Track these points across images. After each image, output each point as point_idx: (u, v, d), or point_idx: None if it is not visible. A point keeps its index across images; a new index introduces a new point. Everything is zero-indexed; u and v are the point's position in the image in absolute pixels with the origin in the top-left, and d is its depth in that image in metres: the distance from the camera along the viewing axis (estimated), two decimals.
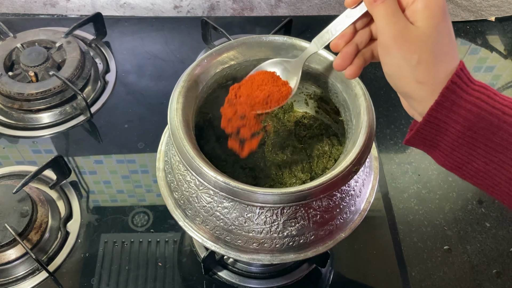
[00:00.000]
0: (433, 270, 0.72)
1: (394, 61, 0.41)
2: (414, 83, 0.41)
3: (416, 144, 0.45)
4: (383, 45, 0.41)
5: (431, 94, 0.40)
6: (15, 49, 0.87)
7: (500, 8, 1.08)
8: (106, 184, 0.79)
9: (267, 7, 1.08)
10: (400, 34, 0.40)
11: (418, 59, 0.40)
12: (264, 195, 0.45)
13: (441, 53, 0.40)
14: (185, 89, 0.52)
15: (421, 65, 0.40)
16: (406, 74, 0.41)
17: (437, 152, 0.44)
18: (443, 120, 0.41)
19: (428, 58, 0.40)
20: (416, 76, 0.40)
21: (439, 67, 0.40)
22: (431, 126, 0.42)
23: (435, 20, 0.40)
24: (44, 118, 0.84)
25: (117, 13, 1.08)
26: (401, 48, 0.40)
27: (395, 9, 0.41)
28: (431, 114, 0.41)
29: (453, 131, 0.41)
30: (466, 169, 0.43)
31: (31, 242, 0.68)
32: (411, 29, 0.40)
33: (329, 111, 0.64)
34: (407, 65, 0.40)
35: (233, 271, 0.69)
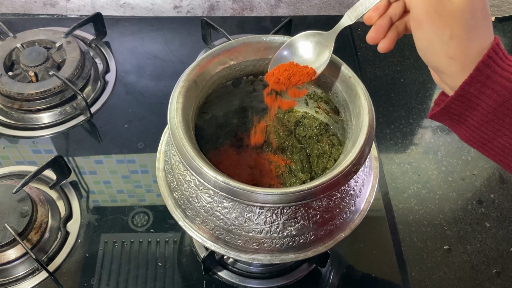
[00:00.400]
0: (433, 270, 0.73)
1: (426, 36, 0.41)
2: (446, 58, 0.41)
3: (442, 119, 0.45)
4: (416, 20, 0.41)
5: (462, 69, 0.40)
6: (15, 49, 0.87)
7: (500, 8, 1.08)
8: (106, 184, 0.79)
9: (267, 7, 1.08)
10: (433, 8, 0.40)
11: (451, 35, 0.40)
12: (264, 195, 0.45)
13: (475, 29, 0.40)
14: (185, 89, 0.52)
15: (454, 40, 0.40)
16: (437, 49, 0.41)
17: (463, 127, 0.44)
18: (475, 94, 0.40)
19: (461, 34, 0.40)
20: (447, 52, 0.40)
21: (471, 43, 0.40)
22: (462, 100, 0.41)
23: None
24: (44, 118, 0.84)
25: (117, 13, 1.08)
26: (433, 23, 0.40)
27: None
28: (464, 88, 0.40)
29: (485, 106, 0.41)
30: (491, 145, 0.43)
31: (31, 242, 0.68)
32: (445, 3, 0.40)
33: (329, 111, 0.64)
34: (439, 40, 0.40)
35: (233, 271, 0.69)
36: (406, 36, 0.48)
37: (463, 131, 0.44)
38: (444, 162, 0.85)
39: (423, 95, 0.92)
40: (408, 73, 0.96)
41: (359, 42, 1.00)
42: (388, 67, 0.97)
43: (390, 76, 0.95)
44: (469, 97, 0.41)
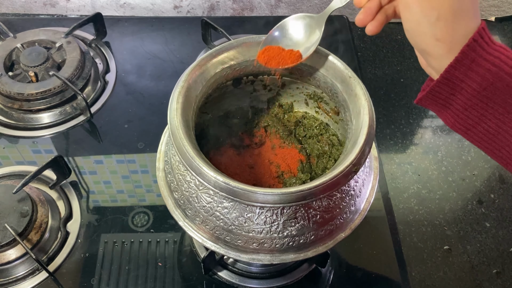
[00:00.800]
0: (433, 270, 0.73)
1: (413, 17, 0.41)
2: (432, 40, 0.41)
3: (428, 104, 0.45)
4: (404, 2, 0.42)
5: (448, 51, 0.40)
6: (15, 49, 0.87)
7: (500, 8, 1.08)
8: (106, 184, 0.79)
9: (267, 7, 1.08)
10: None
11: (438, 16, 0.40)
12: (264, 195, 0.45)
13: (461, 11, 0.40)
14: (185, 89, 0.52)
15: (440, 21, 0.40)
16: (424, 30, 0.41)
17: (449, 112, 0.44)
18: (460, 78, 0.41)
19: (447, 15, 0.40)
20: (434, 33, 0.40)
21: (458, 25, 0.40)
22: (447, 84, 0.42)
23: None
24: (44, 118, 0.84)
25: (117, 13, 1.08)
26: (421, 3, 0.40)
27: None
28: (449, 71, 0.41)
29: (469, 89, 0.41)
30: (475, 130, 0.43)
31: (31, 242, 0.68)
32: None
33: (329, 111, 0.64)
34: (426, 21, 0.40)
35: (233, 271, 0.69)
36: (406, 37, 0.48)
37: (448, 116, 0.44)
38: (444, 162, 0.85)
39: None
40: (408, 73, 0.96)
41: (359, 42, 1.00)
42: (388, 67, 0.97)
43: (390, 76, 0.95)
44: (454, 80, 0.41)
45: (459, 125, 0.44)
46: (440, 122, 0.90)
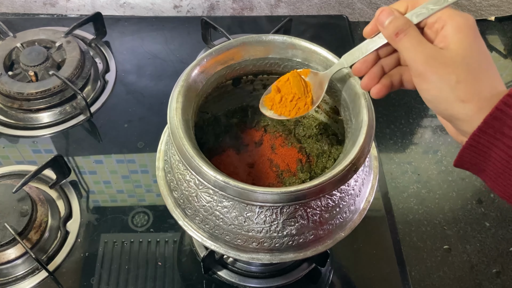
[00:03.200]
0: (433, 270, 0.73)
1: (432, 85, 0.40)
2: (457, 103, 0.40)
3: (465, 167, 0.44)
4: (417, 74, 0.41)
5: (478, 111, 0.39)
6: (15, 48, 0.87)
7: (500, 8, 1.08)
8: (106, 184, 0.79)
9: (267, 6, 1.08)
10: (432, 58, 0.40)
11: (457, 79, 0.39)
12: (263, 195, 0.45)
13: (481, 70, 0.39)
14: (185, 89, 0.52)
15: (461, 84, 0.39)
16: (447, 95, 0.40)
17: (485, 176, 0.43)
18: (486, 145, 0.39)
19: (467, 77, 0.39)
20: (458, 95, 0.39)
21: (481, 84, 0.39)
22: (474, 150, 0.40)
23: (468, 41, 0.40)
24: (44, 118, 0.84)
25: (117, 12, 1.08)
26: (436, 71, 0.40)
27: (420, 39, 0.41)
28: (473, 138, 0.39)
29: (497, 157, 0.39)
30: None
31: (30, 242, 0.68)
32: (441, 52, 0.40)
33: (329, 111, 0.64)
34: (447, 85, 0.39)
35: (232, 270, 0.69)
36: None
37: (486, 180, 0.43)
38: (444, 162, 0.85)
39: None
40: None
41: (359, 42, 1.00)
42: None
43: None
44: (481, 148, 0.40)
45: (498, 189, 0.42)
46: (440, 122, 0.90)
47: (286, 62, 0.58)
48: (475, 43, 0.40)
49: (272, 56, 0.57)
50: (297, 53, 0.56)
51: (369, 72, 0.47)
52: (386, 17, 0.43)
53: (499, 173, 0.40)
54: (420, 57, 0.40)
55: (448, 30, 0.40)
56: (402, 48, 0.42)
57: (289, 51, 0.56)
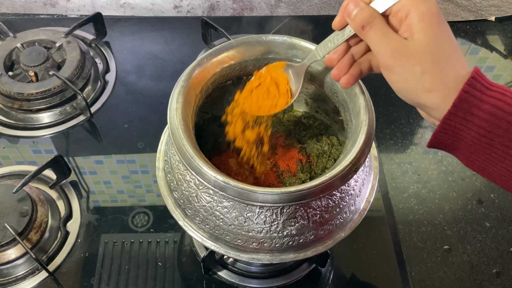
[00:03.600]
0: (433, 270, 0.72)
1: (399, 77, 0.42)
2: (424, 92, 0.41)
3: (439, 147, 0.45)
4: (384, 66, 0.42)
5: (444, 99, 0.40)
6: (15, 49, 0.87)
7: (500, 8, 1.08)
8: (106, 184, 0.79)
9: (267, 7, 1.08)
10: (397, 51, 0.41)
11: (422, 70, 0.40)
12: (263, 195, 0.45)
13: (444, 59, 0.40)
14: (185, 89, 0.52)
15: (426, 74, 0.40)
16: (413, 86, 0.41)
17: (459, 154, 0.44)
18: (457, 127, 0.41)
19: (431, 67, 0.40)
20: (423, 86, 0.41)
21: (446, 73, 0.40)
22: (446, 133, 0.42)
23: (432, 29, 0.40)
24: (44, 118, 0.84)
25: (117, 13, 1.08)
26: (401, 63, 0.41)
27: (385, 30, 0.42)
28: (445, 122, 0.41)
29: (469, 137, 0.41)
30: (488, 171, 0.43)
31: (31, 242, 0.68)
32: (406, 44, 0.41)
33: (329, 111, 0.64)
34: (413, 77, 0.41)
35: (232, 270, 0.69)
36: None
37: (460, 157, 0.44)
38: (444, 162, 0.85)
39: None
40: None
41: None
42: None
43: None
44: (452, 130, 0.41)
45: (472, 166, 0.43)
46: None
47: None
48: (439, 31, 0.41)
49: (272, 56, 0.57)
50: (297, 53, 0.56)
51: (339, 62, 0.47)
52: (352, 8, 0.43)
53: (472, 151, 0.42)
54: (386, 50, 0.41)
55: (412, 18, 0.41)
56: (369, 41, 0.43)
57: (289, 51, 0.56)
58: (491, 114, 0.39)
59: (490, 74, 1.01)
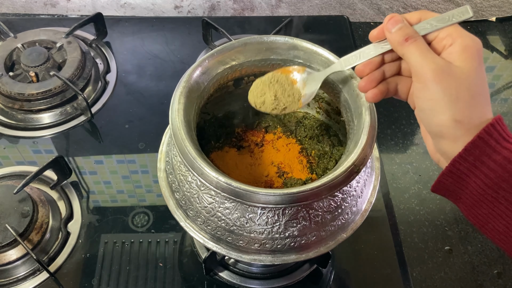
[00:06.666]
0: (434, 271, 0.72)
1: (432, 95, 0.40)
2: (451, 121, 0.40)
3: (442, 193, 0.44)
4: (422, 79, 0.41)
5: (465, 133, 0.39)
6: (16, 49, 0.87)
7: (501, 8, 1.08)
8: (107, 185, 0.79)
9: (267, 7, 1.08)
10: (441, 68, 0.40)
11: (457, 96, 0.39)
12: (265, 196, 0.45)
13: (478, 94, 0.40)
14: (187, 90, 0.52)
15: (460, 102, 0.39)
16: (443, 109, 0.40)
17: (461, 204, 0.43)
18: (465, 172, 0.40)
19: (466, 97, 0.39)
20: (453, 113, 0.39)
21: (475, 108, 0.40)
22: (452, 177, 0.41)
23: (474, 63, 0.40)
24: (45, 119, 0.84)
25: (117, 13, 1.08)
26: (441, 81, 0.40)
27: (428, 48, 0.41)
28: (453, 165, 0.40)
29: (474, 185, 0.40)
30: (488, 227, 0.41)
31: (31, 243, 0.67)
32: (451, 66, 0.40)
33: (330, 112, 0.64)
34: (447, 99, 0.39)
35: (234, 271, 0.69)
36: None
37: (461, 208, 0.43)
38: None
39: None
40: None
41: (360, 42, 1.00)
42: None
43: None
44: (459, 174, 0.40)
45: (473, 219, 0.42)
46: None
47: (287, 63, 0.57)
48: (479, 66, 0.40)
49: (273, 57, 0.57)
50: (298, 54, 0.56)
51: (370, 75, 0.47)
52: (394, 24, 0.43)
53: (475, 202, 0.41)
54: (430, 64, 0.40)
55: (456, 48, 0.40)
56: (409, 53, 0.42)
57: (291, 52, 0.56)
58: (502, 166, 0.38)
59: (490, 74, 1.01)
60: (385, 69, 0.47)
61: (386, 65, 0.47)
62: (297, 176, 0.61)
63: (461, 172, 0.40)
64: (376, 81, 0.46)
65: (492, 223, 0.41)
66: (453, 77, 0.39)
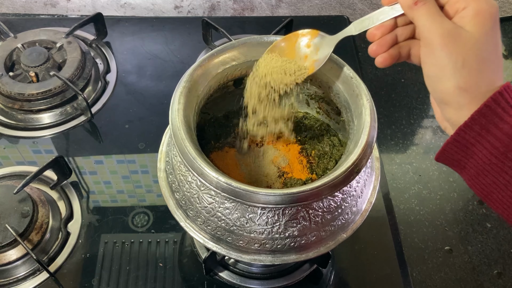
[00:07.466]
0: (434, 271, 0.73)
1: (438, 61, 0.39)
2: (455, 88, 0.39)
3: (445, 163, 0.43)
4: (428, 44, 0.40)
5: (470, 101, 0.38)
6: (16, 49, 0.87)
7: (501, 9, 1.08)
8: (107, 185, 0.79)
9: (267, 7, 1.08)
10: (448, 33, 0.39)
11: (463, 62, 0.38)
12: (265, 196, 0.45)
13: (486, 61, 0.39)
14: (187, 90, 0.52)
15: (465, 69, 0.38)
16: (448, 76, 0.39)
17: (465, 173, 0.42)
18: (470, 141, 0.39)
19: (473, 63, 0.38)
20: (458, 80, 0.38)
21: (482, 75, 0.38)
22: (457, 146, 0.40)
23: (485, 27, 0.39)
24: (45, 119, 0.84)
25: (117, 13, 1.08)
26: (447, 47, 0.38)
27: (438, 11, 0.40)
28: (459, 134, 0.39)
29: (480, 154, 0.39)
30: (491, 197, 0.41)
31: (31, 243, 0.67)
32: (460, 30, 0.39)
33: (330, 112, 0.64)
34: (452, 66, 0.38)
35: (234, 271, 0.69)
36: None
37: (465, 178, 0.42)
38: None
39: (424, 95, 0.92)
40: (409, 73, 0.96)
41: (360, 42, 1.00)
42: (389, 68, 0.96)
43: (391, 76, 0.95)
44: (465, 143, 0.39)
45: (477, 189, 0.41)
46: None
47: None
48: (491, 32, 0.39)
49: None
50: None
51: (382, 39, 0.45)
52: None
53: (480, 171, 0.40)
54: (437, 28, 0.39)
55: (469, 11, 0.39)
56: (418, 16, 0.40)
57: None
58: (508, 135, 0.37)
59: None
60: (398, 32, 0.45)
61: (399, 29, 0.45)
62: (297, 176, 0.61)
63: (466, 141, 0.39)
64: (387, 45, 0.45)
65: (496, 193, 0.40)
66: (461, 43, 0.38)
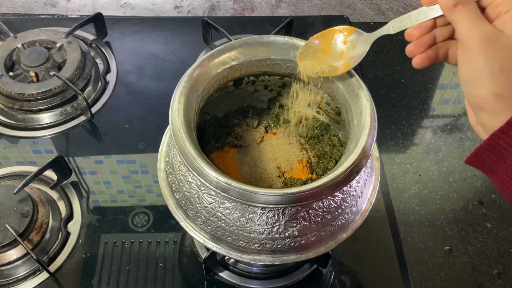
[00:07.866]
0: (434, 271, 0.73)
1: (474, 66, 0.38)
2: (491, 94, 0.38)
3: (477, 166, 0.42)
4: (466, 48, 0.39)
5: (506, 108, 0.38)
6: (16, 49, 0.87)
7: None
8: (107, 185, 0.79)
9: (267, 7, 1.08)
10: (487, 37, 0.38)
11: (501, 68, 0.37)
12: (265, 196, 0.45)
13: None
14: (187, 90, 0.52)
15: (503, 75, 0.37)
16: (484, 82, 0.38)
17: (496, 178, 0.41)
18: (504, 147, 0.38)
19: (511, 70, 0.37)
20: (494, 86, 0.38)
21: None
22: (490, 150, 0.39)
23: None
24: (45, 119, 0.84)
25: (117, 13, 1.08)
26: (485, 52, 0.38)
27: (479, 14, 0.39)
28: (493, 138, 0.38)
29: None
30: None
31: (31, 243, 0.67)
32: (499, 35, 0.38)
33: (330, 112, 0.64)
34: (489, 72, 0.37)
35: (234, 271, 0.69)
36: None
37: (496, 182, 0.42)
38: (445, 163, 0.85)
39: (424, 95, 0.92)
40: (409, 73, 0.96)
41: None
42: (389, 67, 0.96)
43: (391, 76, 0.95)
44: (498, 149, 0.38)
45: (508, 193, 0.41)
46: (441, 122, 0.90)
47: (287, 63, 0.58)
48: None
49: (273, 57, 0.57)
50: None
51: (420, 39, 0.44)
52: None
53: None
54: (476, 33, 0.38)
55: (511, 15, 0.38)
56: (458, 19, 0.39)
57: (291, 52, 0.56)
58: None
59: None
60: (437, 33, 0.44)
61: (437, 29, 0.45)
62: (297, 176, 0.61)
63: (500, 147, 0.38)
64: (425, 46, 0.44)
65: None
66: (500, 48, 0.37)
